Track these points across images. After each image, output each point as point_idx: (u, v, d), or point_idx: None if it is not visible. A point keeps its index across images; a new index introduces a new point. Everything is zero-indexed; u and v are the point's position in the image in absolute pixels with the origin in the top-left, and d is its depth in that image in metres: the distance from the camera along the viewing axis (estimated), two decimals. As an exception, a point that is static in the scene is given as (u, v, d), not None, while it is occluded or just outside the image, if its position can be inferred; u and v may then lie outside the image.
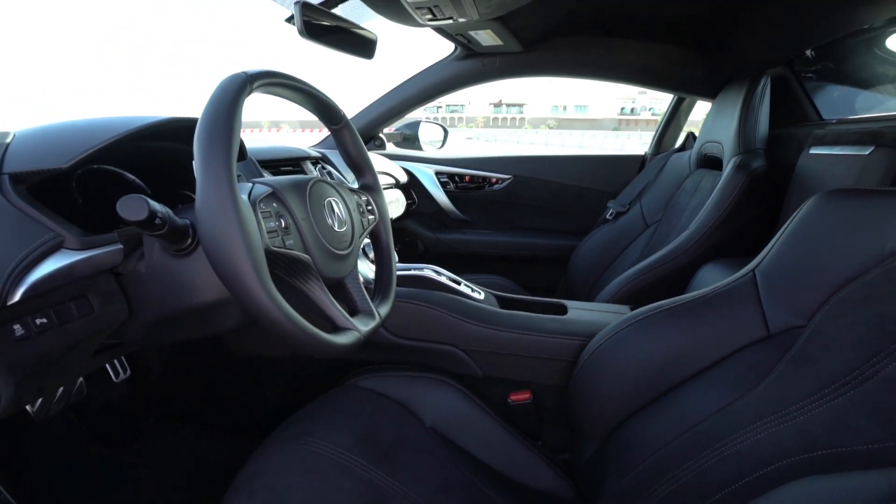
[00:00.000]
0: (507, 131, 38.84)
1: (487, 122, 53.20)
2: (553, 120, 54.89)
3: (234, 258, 0.46)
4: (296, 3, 0.90)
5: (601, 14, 1.35)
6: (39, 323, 0.52)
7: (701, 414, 0.70)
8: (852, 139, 0.90)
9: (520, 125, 53.80)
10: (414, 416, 0.90)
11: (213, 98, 0.50)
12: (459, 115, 72.43)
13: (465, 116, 69.52)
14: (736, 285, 0.79)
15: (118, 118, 0.64)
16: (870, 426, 0.52)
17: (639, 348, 0.83)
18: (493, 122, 55.91)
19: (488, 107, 79.77)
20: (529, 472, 0.89)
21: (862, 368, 0.56)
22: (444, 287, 1.06)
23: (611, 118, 72.24)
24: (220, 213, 0.45)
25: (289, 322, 0.50)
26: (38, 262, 0.51)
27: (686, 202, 1.42)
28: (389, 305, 0.77)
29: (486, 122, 53.18)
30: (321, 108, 0.71)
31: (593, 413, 0.86)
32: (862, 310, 0.60)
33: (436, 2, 0.91)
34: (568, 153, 2.03)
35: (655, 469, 0.69)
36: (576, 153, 2.04)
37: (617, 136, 35.26)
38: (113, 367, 1.02)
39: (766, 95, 1.19)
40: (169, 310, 0.63)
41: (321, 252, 0.62)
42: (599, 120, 70.31)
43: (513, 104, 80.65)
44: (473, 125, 51.29)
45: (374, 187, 0.83)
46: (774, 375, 0.66)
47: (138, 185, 0.79)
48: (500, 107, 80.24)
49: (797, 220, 0.74)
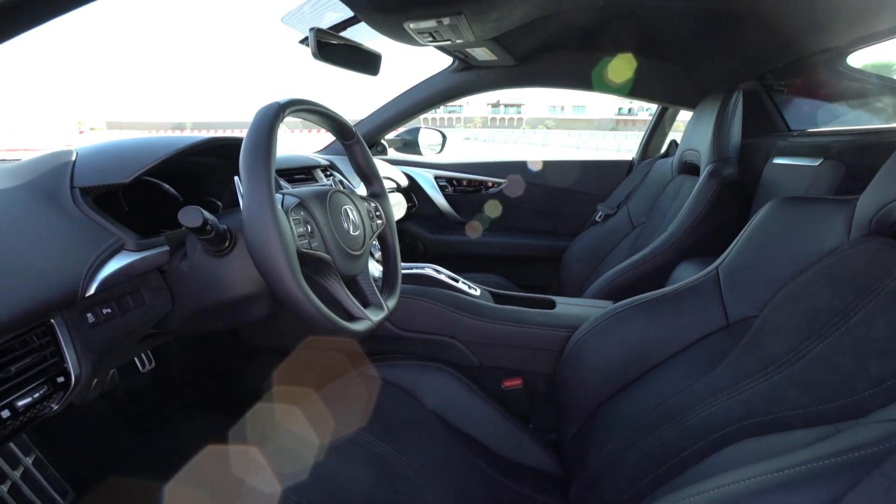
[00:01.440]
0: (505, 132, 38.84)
1: (485, 122, 53.37)
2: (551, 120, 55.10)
3: (274, 258, 0.56)
4: (311, 28, 1.01)
5: (587, 32, 1.46)
6: (105, 312, 0.62)
7: (667, 393, 0.81)
8: (806, 151, 1.01)
9: (518, 125, 54.00)
10: (417, 401, 0.99)
11: (253, 126, 0.60)
12: (457, 115, 72.55)
13: (464, 117, 69.66)
14: (702, 281, 0.89)
15: (164, 138, 0.74)
16: (797, 396, 0.63)
17: (616, 338, 0.93)
18: (491, 122, 56.10)
19: (486, 107, 79.94)
20: (520, 450, 0.98)
21: (796, 350, 0.67)
22: (443, 284, 1.16)
23: (608, 118, 72.45)
24: (263, 221, 0.55)
25: (316, 311, 0.61)
26: (106, 261, 0.62)
27: (668, 205, 1.52)
28: (396, 299, 0.88)
29: (484, 122, 53.36)
30: (336, 127, 0.81)
31: (577, 396, 0.97)
32: (801, 301, 0.71)
33: (436, 28, 1.02)
34: (560, 158, 2.13)
35: (627, 442, 0.80)
36: (568, 158, 2.14)
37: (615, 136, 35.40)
38: (140, 359, 1.12)
39: (738, 108, 1.30)
40: (206, 302, 0.74)
41: (339, 252, 0.73)
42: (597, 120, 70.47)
43: (511, 104, 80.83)
44: (471, 125, 51.35)
45: (382, 195, 0.94)
46: (730, 358, 0.77)
47: (172, 194, 0.89)
48: (497, 107, 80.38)
49: (754, 224, 0.85)
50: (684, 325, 0.88)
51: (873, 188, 0.66)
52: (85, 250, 0.59)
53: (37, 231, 0.56)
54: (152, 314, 0.71)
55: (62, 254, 0.56)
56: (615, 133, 45.11)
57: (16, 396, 0.49)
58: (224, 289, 0.71)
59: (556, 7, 1.12)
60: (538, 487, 0.92)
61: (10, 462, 0.86)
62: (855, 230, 0.70)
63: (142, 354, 1.13)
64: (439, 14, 0.94)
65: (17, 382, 0.50)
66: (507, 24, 1.13)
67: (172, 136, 0.76)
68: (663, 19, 1.27)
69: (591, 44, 1.57)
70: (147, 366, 1.13)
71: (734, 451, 0.61)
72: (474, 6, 0.93)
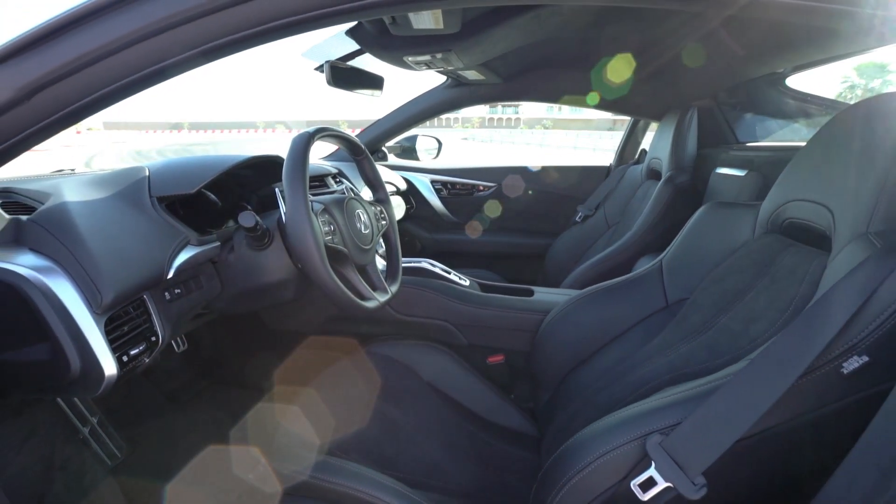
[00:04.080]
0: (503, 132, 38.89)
1: (483, 122, 53.58)
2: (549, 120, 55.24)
3: (310, 251, 0.75)
4: (326, 62, 1.20)
5: (563, 56, 1.66)
6: (176, 292, 0.82)
7: (616, 360, 1.01)
8: (738, 163, 1.21)
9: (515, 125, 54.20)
10: (415, 373, 1.18)
11: (291, 149, 0.80)
12: (455, 115, 72.60)
13: (461, 117, 69.69)
14: (649, 272, 1.09)
15: (216, 157, 0.94)
16: (704, 355, 0.83)
17: (579, 320, 1.13)
18: (489, 122, 56.29)
19: (484, 107, 79.81)
20: (502, 415, 1.17)
21: (709, 321, 0.88)
22: (437, 276, 1.36)
23: (605, 118, 72.73)
24: (302, 223, 0.75)
25: (339, 290, 0.80)
26: (178, 253, 0.81)
27: (637, 207, 1.72)
28: (398, 285, 1.07)
29: (482, 122, 53.56)
30: (350, 146, 1.01)
31: (548, 368, 1.16)
32: (718, 285, 0.91)
33: (430, 60, 1.21)
34: (545, 164, 2.32)
35: (586, 401, 1.00)
36: (552, 164, 2.33)
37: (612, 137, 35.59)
38: (175, 342, 1.31)
39: (693, 124, 1.50)
40: (247, 286, 0.93)
41: (354, 247, 0.92)
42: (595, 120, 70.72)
43: (509, 104, 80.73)
44: (469, 126, 51.45)
45: (386, 200, 1.14)
46: (665, 331, 0.97)
47: (213, 200, 1.09)
48: (495, 107, 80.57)
49: (689, 225, 1.06)
50: (634, 307, 1.08)
51: (770, 195, 0.86)
52: (165, 245, 0.79)
53: (132, 229, 0.75)
54: (206, 295, 0.90)
55: (151, 247, 0.76)
56: (612, 133, 45.19)
57: (128, 349, 0.68)
58: (262, 275, 0.91)
59: (532, 38, 1.31)
60: (516, 444, 1.10)
61: (80, 420, 1.06)
62: (758, 229, 0.90)
63: (177, 338, 1.32)
64: (432, 51, 1.14)
65: (128, 339, 0.69)
66: (491, 53, 1.32)
67: (221, 155, 0.96)
68: (627, 48, 1.47)
69: (567, 65, 1.77)
70: (181, 347, 1.32)
71: (657, 396, 0.81)
72: (461, 44, 1.12)
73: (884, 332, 0.51)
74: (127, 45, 0.53)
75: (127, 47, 0.53)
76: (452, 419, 1.11)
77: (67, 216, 0.67)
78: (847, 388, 0.53)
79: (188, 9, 0.52)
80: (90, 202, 0.74)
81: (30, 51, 0.53)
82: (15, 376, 0.65)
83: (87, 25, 0.53)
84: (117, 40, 0.53)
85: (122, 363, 0.67)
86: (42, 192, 0.74)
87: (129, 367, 0.69)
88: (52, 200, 0.71)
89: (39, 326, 0.61)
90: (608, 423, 0.66)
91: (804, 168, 0.79)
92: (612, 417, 0.68)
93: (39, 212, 0.68)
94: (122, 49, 0.53)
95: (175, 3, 0.52)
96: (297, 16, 0.53)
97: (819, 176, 0.74)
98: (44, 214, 0.67)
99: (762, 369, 0.55)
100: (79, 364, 0.62)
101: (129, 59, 0.54)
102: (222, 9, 0.52)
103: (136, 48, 0.54)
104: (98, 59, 0.54)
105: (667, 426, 0.59)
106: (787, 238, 0.82)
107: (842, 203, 0.67)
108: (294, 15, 0.53)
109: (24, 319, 0.61)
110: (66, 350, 0.61)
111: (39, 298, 0.60)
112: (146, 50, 0.54)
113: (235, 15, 0.53)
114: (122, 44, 0.53)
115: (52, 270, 0.62)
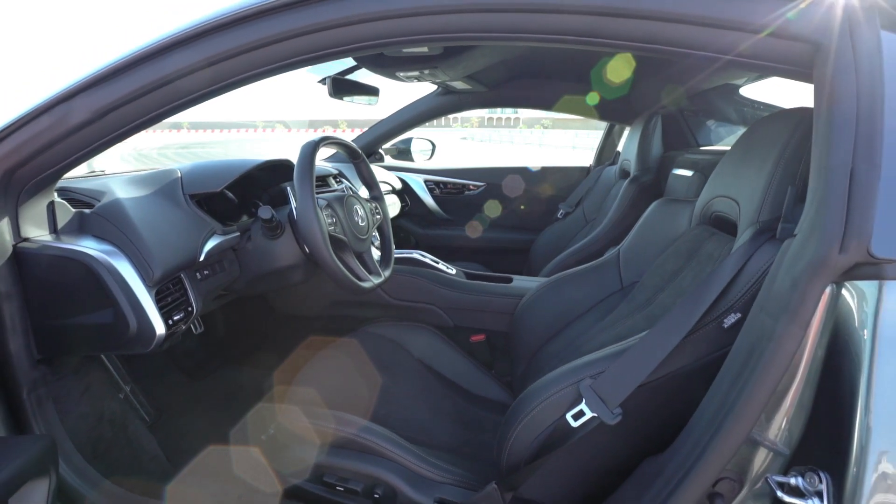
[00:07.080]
0: (502, 131, 39.03)
1: (482, 121, 53.77)
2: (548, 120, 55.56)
3: (317, 239, 0.92)
4: (327, 76, 1.37)
5: (543, 66, 1.83)
6: (205, 273, 0.99)
7: (577, 335, 1.18)
8: (688, 165, 1.38)
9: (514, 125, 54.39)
10: (406, 351, 1.34)
11: (300, 155, 0.97)
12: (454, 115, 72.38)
13: (460, 116, 69.86)
14: (608, 259, 1.26)
15: (237, 160, 1.11)
16: (643, 325, 0.99)
17: (548, 302, 1.30)
18: (488, 121, 56.49)
19: (483, 107, 79.85)
20: (484, 388, 1.33)
21: (650, 298, 1.04)
22: (426, 265, 1.53)
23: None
24: (310, 216, 0.92)
25: (340, 272, 0.97)
26: (206, 240, 0.98)
27: (611, 205, 1.89)
28: (390, 270, 1.24)
29: (481, 121, 53.76)
30: (349, 151, 1.18)
31: (521, 346, 1.33)
32: (661, 268, 1.08)
33: (419, 74, 1.38)
34: (530, 165, 2.49)
35: (550, 369, 1.16)
36: (536, 165, 2.50)
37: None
38: (193, 325, 1.47)
39: (657, 129, 1.67)
40: (262, 270, 1.10)
41: (352, 236, 1.09)
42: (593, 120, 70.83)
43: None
44: (468, 125, 51.58)
45: (380, 197, 1.31)
46: (617, 309, 1.14)
47: (230, 197, 1.25)
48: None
49: (642, 219, 1.23)
50: (594, 290, 1.25)
51: (702, 193, 1.03)
52: (197, 234, 0.96)
53: (172, 221, 0.92)
54: (228, 277, 1.07)
55: (186, 235, 0.93)
56: (610, 133, 45.29)
57: (172, 315, 0.86)
58: (275, 260, 1.08)
59: (508, 55, 1.48)
60: (493, 411, 1.26)
61: (115, 388, 1.22)
62: (693, 221, 1.07)
63: (195, 322, 1.48)
64: (420, 68, 1.31)
65: (171, 308, 0.86)
66: (474, 67, 1.50)
67: (241, 158, 1.13)
68: (597, 61, 1.64)
69: (548, 75, 1.94)
70: (198, 329, 1.49)
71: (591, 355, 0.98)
72: (445, 62, 1.29)
73: (750, 294, 0.68)
74: (173, 80, 0.70)
75: (172, 81, 0.70)
76: (439, 390, 1.27)
77: (123, 210, 0.84)
78: (726, 338, 0.70)
79: (219, 53, 0.69)
80: (137, 198, 0.91)
81: (104, 83, 0.70)
82: (85, 336, 0.82)
83: (146, 64, 0.70)
84: (167, 76, 0.70)
85: (167, 326, 0.84)
86: (95, 191, 0.91)
87: (172, 330, 0.86)
88: (107, 197, 0.88)
89: (105, 296, 0.78)
90: (554, 375, 0.83)
91: (726, 169, 0.95)
92: (557, 370, 0.84)
93: (100, 206, 0.85)
94: (170, 82, 0.71)
95: (210, 47, 0.69)
96: (320, 52, 0.69)
97: (735, 175, 0.90)
98: (104, 208, 0.84)
99: (664, 327, 0.72)
100: (136, 325, 0.79)
101: (177, 88, 0.71)
102: (246, 51, 0.69)
103: (179, 82, 0.71)
104: (153, 90, 0.71)
105: (596, 373, 0.76)
106: (712, 228, 0.99)
107: (746, 198, 0.83)
108: (317, 51, 0.69)
109: (93, 290, 0.78)
110: (126, 314, 0.78)
111: (105, 274, 0.77)
112: (188, 83, 0.71)
113: (259, 56, 0.69)
114: (170, 79, 0.70)
115: (114, 252, 0.79)
